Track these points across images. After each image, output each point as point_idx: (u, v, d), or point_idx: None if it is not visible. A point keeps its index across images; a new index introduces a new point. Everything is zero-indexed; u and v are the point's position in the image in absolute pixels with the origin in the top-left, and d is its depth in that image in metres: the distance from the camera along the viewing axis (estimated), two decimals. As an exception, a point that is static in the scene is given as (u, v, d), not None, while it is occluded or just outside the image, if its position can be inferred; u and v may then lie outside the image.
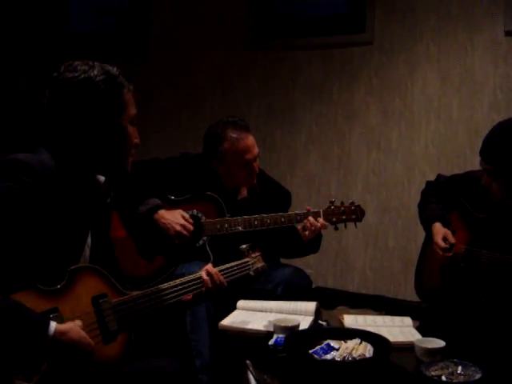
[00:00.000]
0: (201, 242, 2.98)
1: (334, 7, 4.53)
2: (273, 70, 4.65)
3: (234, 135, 2.96)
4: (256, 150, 3.02)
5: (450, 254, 2.77)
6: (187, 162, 3.12)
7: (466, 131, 4.09)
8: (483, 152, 2.56)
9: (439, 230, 2.83)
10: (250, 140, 3.00)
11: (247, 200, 3.13)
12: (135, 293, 1.91)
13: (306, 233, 2.89)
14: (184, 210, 2.93)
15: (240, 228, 2.95)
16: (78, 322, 1.68)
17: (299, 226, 2.92)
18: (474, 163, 3.77)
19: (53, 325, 1.59)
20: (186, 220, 2.83)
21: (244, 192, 3.15)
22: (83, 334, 1.66)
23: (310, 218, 2.89)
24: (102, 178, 1.95)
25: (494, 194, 2.61)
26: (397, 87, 4.28)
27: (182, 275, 2.69)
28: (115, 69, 1.87)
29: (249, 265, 2.43)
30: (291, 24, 4.63)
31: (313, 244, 3.05)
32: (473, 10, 4.04)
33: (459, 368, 2.03)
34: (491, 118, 3.96)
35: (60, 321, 1.65)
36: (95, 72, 1.81)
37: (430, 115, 4.20)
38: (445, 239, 2.79)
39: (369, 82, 4.36)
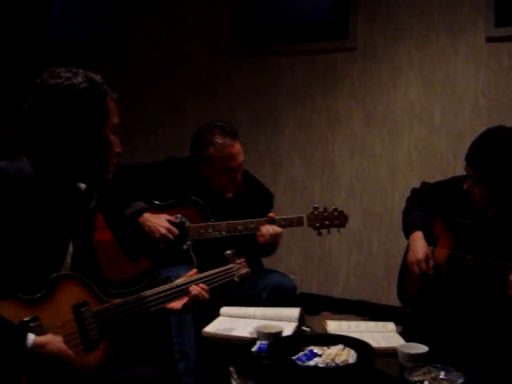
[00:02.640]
0: (185, 246, 2.98)
1: (317, 13, 4.54)
2: (256, 76, 4.66)
3: (220, 141, 2.97)
4: (240, 158, 3.03)
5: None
6: (173, 165, 3.13)
7: (449, 136, 4.11)
8: (469, 157, 2.56)
9: (420, 243, 2.83)
10: (236, 148, 3.01)
11: (232, 200, 3.13)
12: (117, 301, 1.90)
13: (262, 239, 2.95)
14: (168, 214, 2.95)
15: (224, 233, 2.96)
16: (59, 337, 1.66)
17: (258, 234, 2.97)
18: (457, 168, 3.82)
19: (31, 337, 1.57)
20: (171, 224, 2.86)
21: (229, 193, 3.16)
22: (62, 345, 1.64)
23: (263, 227, 2.95)
24: (82, 186, 1.94)
25: (475, 199, 2.62)
26: (379, 93, 4.30)
27: (168, 278, 2.70)
28: (99, 77, 1.85)
29: (233, 271, 2.42)
30: (274, 30, 4.64)
31: (267, 248, 3.09)
32: (454, 16, 4.07)
33: (442, 373, 2.03)
34: (473, 123, 4.00)
35: (40, 330, 1.64)
36: (79, 79, 1.79)
37: (412, 120, 4.22)
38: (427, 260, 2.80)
39: (352, 87, 4.38)
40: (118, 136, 1.91)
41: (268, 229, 2.95)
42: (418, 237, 2.86)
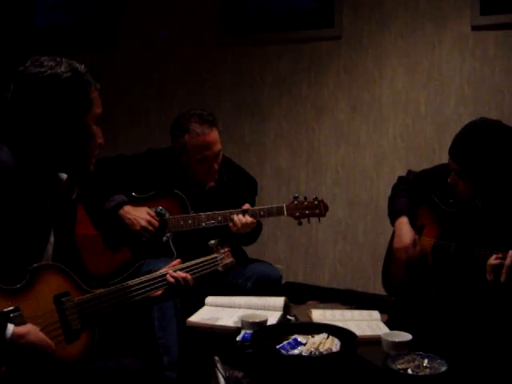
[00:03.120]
0: (164, 238, 2.98)
1: (302, 2, 4.52)
2: (242, 65, 4.64)
3: (197, 129, 2.95)
4: (217, 147, 3.01)
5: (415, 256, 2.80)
6: (153, 156, 3.12)
7: (434, 125, 4.11)
8: (452, 151, 2.55)
9: (406, 228, 2.82)
10: (212, 136, 2.98)
11: (214, 189, 3.11)
12: (99, 291, 1.89)
13: (235, 229, 2.94)
14: (149, 206, 2.94)
15: (203, 224, 2.95)
16: (38, 324, 1.65)
17: (230, 224, 2.96)
18: (442, 157, 3.82)
19: (10, 328, 1.57)
20: (151, 216, 2.85)
21: (209, 182, 3.14)
22: (42, 335, 1.64)
23: (235, 216, 2.93)
24: (63, 176, 1.92)
25: (459, 192, 2.61)
26: (365, 82, 4.29)
27: (150, 272, 2.70)
28: (83, 66, 1.84)
29: (217, 260, 2.42)
30: (260, 19, 4.62)
31: (244, 237, 3.07)
32: (440, 4, 4.06)
33: (425, 361, 2.05)
34: (458, 112, 4.00)
35: (21, 320, 1.63)
36: (62, 69, 1.78)
37: (398, 109, 4.21)
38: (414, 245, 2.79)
39: (337, 76, 4.36)
40: (100, 127, 1.89)
41: (240, 219, 2.93)
42: (404, 222, 2.84)
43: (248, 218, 2.93)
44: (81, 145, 1.83)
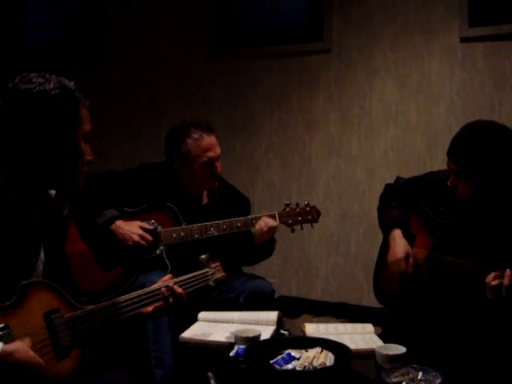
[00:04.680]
0: (158, 251, 2.96)
1: (291, 17, 4.54)
2: (232, 80, 4.65)
3: (198, 133, 2.97)
4: (218, 150, 3.02)
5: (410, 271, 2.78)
6: (146, 171, 3.10)
7: (425, 137, 4.13)
8: (451, 152, 2.53)
9: (400, 241, 2.78)
10: (213, 139, 3.01)
11: (208, 206, 3.10)
12: (89, 307, 1.87)
13: (261, 235, 2.93)
14: (141, 220, 2.92)
15: (196, 236, 2.93)
16: (27, 341, 1.63)
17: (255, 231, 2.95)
18: (433, 168, 3.82)
19: None
20: (143, 230, 2.83)
21: (205, 198, 3.13)
22: (31, 353, 1.61)
23: (262, 221, 2.92)
24: (52, 192, 1.91)
25: (459, 195, 2.58)
26: (355, 95, 4.31)
27: (143, 285, 2.68)
28: (72, 83, 1.83)
29: (208, 275, 2.39)
30: (250, 34, 4.63)
31: (265, 248, 3.08)
32: (429, 17, 4.09)
33: (420, 374, 2.04)
34: (449, 124, 4.01)
35: (9, 338, 1.61)
36: (51, 85, 1.76)
37: (388, 122, 4.23)
38: (407, 257, 2.76)
39: (328, 89, 4.38)
40: (89, 144, 1.88)
41: (267, 221, 2.93)
42: (398, 235, 2.80)
43: (274, 222, 2.93)
44: (69, 162, 1.82)
